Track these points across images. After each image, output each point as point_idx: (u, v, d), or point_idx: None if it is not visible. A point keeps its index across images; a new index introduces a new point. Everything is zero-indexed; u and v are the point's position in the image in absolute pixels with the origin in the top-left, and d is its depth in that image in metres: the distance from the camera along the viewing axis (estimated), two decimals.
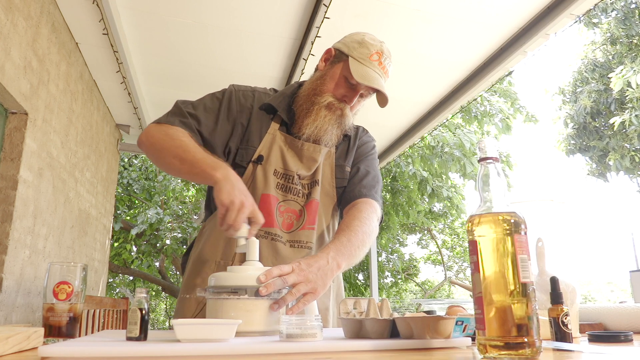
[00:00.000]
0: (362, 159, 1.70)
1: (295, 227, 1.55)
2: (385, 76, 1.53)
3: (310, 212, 1.56)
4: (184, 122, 1.48)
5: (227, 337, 0.92)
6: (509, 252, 0.77)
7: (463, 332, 0.95)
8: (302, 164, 1.57)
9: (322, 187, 1.61)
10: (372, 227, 1.51)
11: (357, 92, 1.53)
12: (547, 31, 3.34)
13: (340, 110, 1.54)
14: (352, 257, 1.37)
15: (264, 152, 1.55)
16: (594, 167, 12.30)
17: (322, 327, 0.95)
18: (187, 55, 3.91)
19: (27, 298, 3.00)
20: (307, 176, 1.59)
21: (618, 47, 11.45)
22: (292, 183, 1.56)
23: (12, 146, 2.87)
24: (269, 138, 1.56)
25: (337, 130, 1.56)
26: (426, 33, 3.58)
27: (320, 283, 1.22)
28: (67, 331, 1.05)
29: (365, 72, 1.48)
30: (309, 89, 1.58)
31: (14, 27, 2.66)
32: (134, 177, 9.89)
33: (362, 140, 1.73)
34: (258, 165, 1.53)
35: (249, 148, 1.55)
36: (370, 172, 1.67)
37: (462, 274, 15.33)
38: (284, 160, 1.56)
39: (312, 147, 1.57)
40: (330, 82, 1.55)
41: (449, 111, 4.68)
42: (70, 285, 1.07)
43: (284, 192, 1.55)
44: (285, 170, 1.56)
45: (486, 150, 0.85)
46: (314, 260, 1.24)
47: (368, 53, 1.50)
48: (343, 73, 1.53)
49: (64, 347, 0.80)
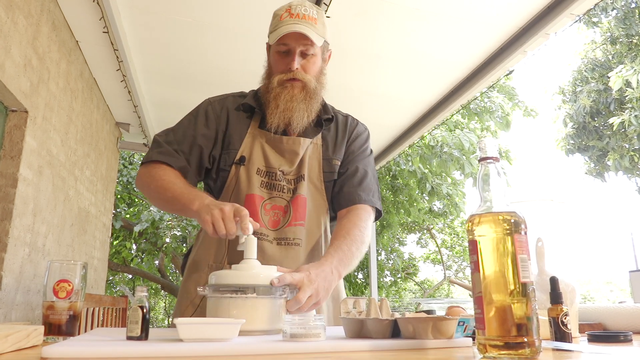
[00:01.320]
0: (358, 155, 1.66)
1: (282, 224, 1.54)
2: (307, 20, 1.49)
3: (296, 208, 1.55)
4: (161, 152, 1.52)
5: (230, 336, 0.92)
6: (509, 252, 0.77)
7: (463, 332, 0.95)
8: (285, 159, 1.57)
9: (310, 182, 1.60)
10: (368, 237, 1.52)
11: (292, 54, 1.51)
12: (547, 31, 3.34)
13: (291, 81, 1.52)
14: (350, 266, 1.41)
15: (246, 153, 1.55)
16: (593, 166, 12.30)
17: (325, 327, 0.95)
18: (187, 53, 3.91)
19: (26, 296, 3.00)
20: (291, 171, 1.57)
21: (618, 46, 11.44)
22: (275, 180, 1.55)
23: (12, 144, 2.87)
24: (249, 138, 1.57)
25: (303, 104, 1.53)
26: (426, 32, 3.58)
27: (324, 294, 1.26)
28: (66, 329, 1.05)
29: (279, 31, 1.48)
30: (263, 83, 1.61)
31: (14, 25, 2.66)
32: (133, 175, 9.88)
33: (355, 133, 1.70)
34: (241, 167, 1.54)
35: (231, 151, 1.55)
36: (368, 172, 1.64)
37: (462, 274, 15.34)
38: (266, 158, 1.56)
39: (291, 139, 1.56)
40: (270, 67, 1.59)
41: (449, 110, 4.68)
42: (70, 284, 1.07)
43: (269, 190, 1.55)
44: (268, 167, 1.55)
45: (486, 150, 0.85)
46: (321, 269, 1.27)
47: (277, 18, 1.52)
48: (272, 50, 1.56)
49: (66, 347, 0.79)
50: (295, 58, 1.51)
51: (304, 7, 1.51)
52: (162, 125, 5.28)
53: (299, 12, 1.49)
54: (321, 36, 1.52)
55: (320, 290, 1.23)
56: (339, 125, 1.69)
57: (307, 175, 1.58)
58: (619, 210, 52.20)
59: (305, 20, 1.49)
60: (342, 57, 3.82)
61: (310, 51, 1.52)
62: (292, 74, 1.51)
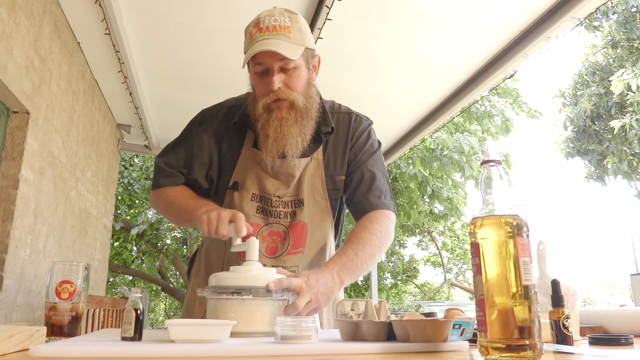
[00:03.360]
0: (361, 158, 1.54)
1: (280, 252, 1.47)
2: (278, 32, 1.34)
3: (296, 236, 1.47)
4: (165, 176, 1.53)
5: (222, 338, 0.92)
6: (511, 255, 0.77)
7: (461, 336, 0.93)
8: (280, 182, 1.47)
9: (315, 202, 1.50)
10: (383, 239, 1.42)
11: (271, 73, 1.37)
12: (549, 34, 3.34)
13: (277, 102, 1.39)
14: (357, 272, 1.33)
15: (239, 177, 1.49)
16: (593, 170, 12.30)
17: (317, 329, 0.94)
18: (188, 55, 3.91)
19: (27, 297, 3.00)
20: (286, 193, 1.48)
21: (619, 50, 11.46)
22: (271, 206, 1.48)
23: (13, 145, 2.87)
24: (242, 161, 1.50)
25: (295, 128, 1.40)
26: (428, 35, 3.58)
27: (324, 300, 1.22)
28: (69, 330, 1.05)
29: (250, 52, 1.34)
30: (250, 108, 1.47)
31: (16, 27, 2.67)
32: (134, 176, 9.90)
33: (357, 133, 1.56)
34: (235, 192, 1.49)
35: (224, 174, 1.51)
36: (375, 173, 1.52)
37: (462, 276, 15.32)
38: (260, 183, 1.48)
39: (286, 161, 1.44)
40: (253, 90, 1.47)
41: (450, 113, 4.68)
42: (72, 285, 1.07)
43: (265, 216, 1.48)
44: (262, 192, 1.48)
45: (489, 153, 0.85)
46: (321, 275, 1.23)
47: (248, 35, 1.39)
48: (251, 72, 1.43)
49: (56, 347, 0.79)
50: (275, 77, 1.36)
51: (274, 17, 1.37)
52: (163, 126, 5.29)
53: (269, 24, 1.35)
54: (299, 45, 1.36)
55: (319, 296, 1.20)
56: (339, 130, 1.55)
57: (308, 198, 1.49)
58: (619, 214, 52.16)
59: (277, 32, 1.34)
60: (343, 59, 3.83)
61: (290, 65, 1.37)
62: (275, 95, 1.38)
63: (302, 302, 1.15)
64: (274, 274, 1.18)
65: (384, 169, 1.58)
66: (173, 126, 5.02)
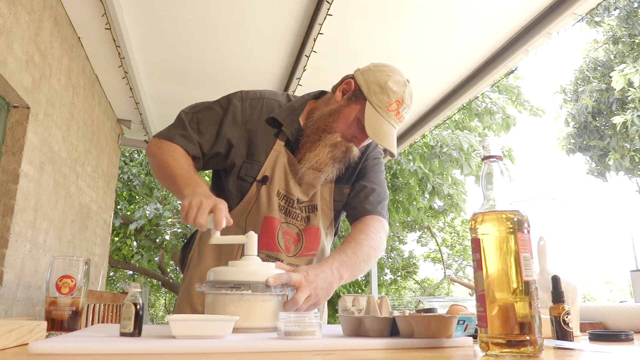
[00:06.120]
0: (368, 172, 1.63)
1: (293, 252, 1.52)
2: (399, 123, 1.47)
3: (309, 239, 1.54)
4: (184, 135, 1.47)
5: (224, 333, 0.90)
6: (512, 251, 0.77)
7: (464, 332, 0.94)
8: (301, 189, 1.54)
9: (322, 210, 1.58)
10: (379, 242, 1.48)
11: (367, 137, 1.48)
12: (550, 30, 3.33)
13: (345, 147, 1.50)
14: (355, 270, 1.36)
15: (269, 172, 1.50)
16: (594, 166, 12.30)
17: (320, 324, 0.94)
18: (189, 50, 3.90)
19: (27, 292, 3.00)
20: (304, 200, 1.56)
21: (620, 46, 11.43)
22: (292, 207, 1.53)
23: (13, 140, 2.87)
24: (273, 155, 1.51)
25: (339, 164, 1.52)
26: (428, 30, 3.57)
27: (324, 294, 1.23)
28: (69, 325, 1.05)
29: (379, 126, 1.43)
30: (320, 124, 1.51)
31: (16, 21, 2.66)
32: (134, 172, 9.90)
33: (372, 154, 1.67)
34: (262, 186, 1.49)
35: (254, 163, 1.50)
36: (376, 188, 1.61)
37: (462, 272, 15.35)
38: (287, 183, 1.52)
39: (312, 173, 1.52)
40: (342, 121, 1.49)
41: (450, 109, 4.67)
42: (73, 279, 1.07)
43: (285, 215, 1.52)
44: (287, 192, 1.52)
45: (489, 149, 0.85)
46: (320, 270, 1.24)
47: (387, 102, 1.44)
48: (357, 115, 1.47)
49: (54, 343, 0.78)
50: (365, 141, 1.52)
51: (409, 109, 1.49)
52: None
53: (403, 115, 1.47)
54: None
55: (318, 291, 1.20)
56: None
57: (319, 205, 1.57)
58: (620, 210, 52.19)
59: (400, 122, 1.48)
60: (344, 54, 3.82)
61: None
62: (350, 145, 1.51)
63: (302, 297, 1.15)
64: (273, 269, 1.18)
65: (384, 182, 1.67)
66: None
